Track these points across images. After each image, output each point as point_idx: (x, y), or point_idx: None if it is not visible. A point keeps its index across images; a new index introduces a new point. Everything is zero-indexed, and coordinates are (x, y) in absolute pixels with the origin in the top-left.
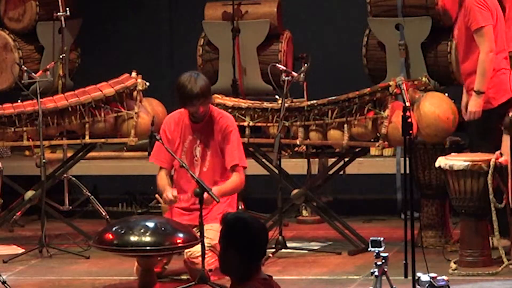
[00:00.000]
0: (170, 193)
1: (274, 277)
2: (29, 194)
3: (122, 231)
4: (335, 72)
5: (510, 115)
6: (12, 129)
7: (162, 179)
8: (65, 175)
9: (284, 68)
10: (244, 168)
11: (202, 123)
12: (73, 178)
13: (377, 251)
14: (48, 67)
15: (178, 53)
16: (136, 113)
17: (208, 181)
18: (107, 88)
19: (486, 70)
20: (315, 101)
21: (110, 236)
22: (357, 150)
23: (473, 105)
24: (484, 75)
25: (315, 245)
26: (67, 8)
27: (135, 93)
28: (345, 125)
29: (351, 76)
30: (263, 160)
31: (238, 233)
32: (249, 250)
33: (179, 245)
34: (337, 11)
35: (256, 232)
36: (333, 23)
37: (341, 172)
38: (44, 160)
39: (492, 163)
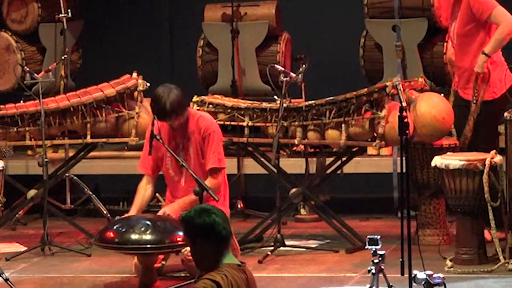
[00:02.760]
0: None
1: (272, 275)
2: (32, 193)
3: (123, 229)
4: (332, 73)
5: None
6: (15, 129)
7: (138, 193)
8: (67, 174)
9: (283, 69)
10: (222, 169)
11: (181, 129)
12: (75, 177)
13: (374, 249)
14: (50, 68)
15: (178, 54)
16: (137, 113)
17: (192, 184)
18: (108, 89)
19: (503, 39)
20: (313, 102)
21: (111, 234)
22: (354, 149)
23: (481, 66)
24: (498, 42)
25: (313, 243)
26: (69, 10)
27: (136, 93)
28: (343, 125)
29: (348, 77)
30: (262, 159)
31: (196, 221)
32: (211, 231)
33: (179, 243)
34: (334, 12)
35: (211, 213)
36: (330, 24)
37: (339, 171)
38: (46, 160)
39: (487, 162)
